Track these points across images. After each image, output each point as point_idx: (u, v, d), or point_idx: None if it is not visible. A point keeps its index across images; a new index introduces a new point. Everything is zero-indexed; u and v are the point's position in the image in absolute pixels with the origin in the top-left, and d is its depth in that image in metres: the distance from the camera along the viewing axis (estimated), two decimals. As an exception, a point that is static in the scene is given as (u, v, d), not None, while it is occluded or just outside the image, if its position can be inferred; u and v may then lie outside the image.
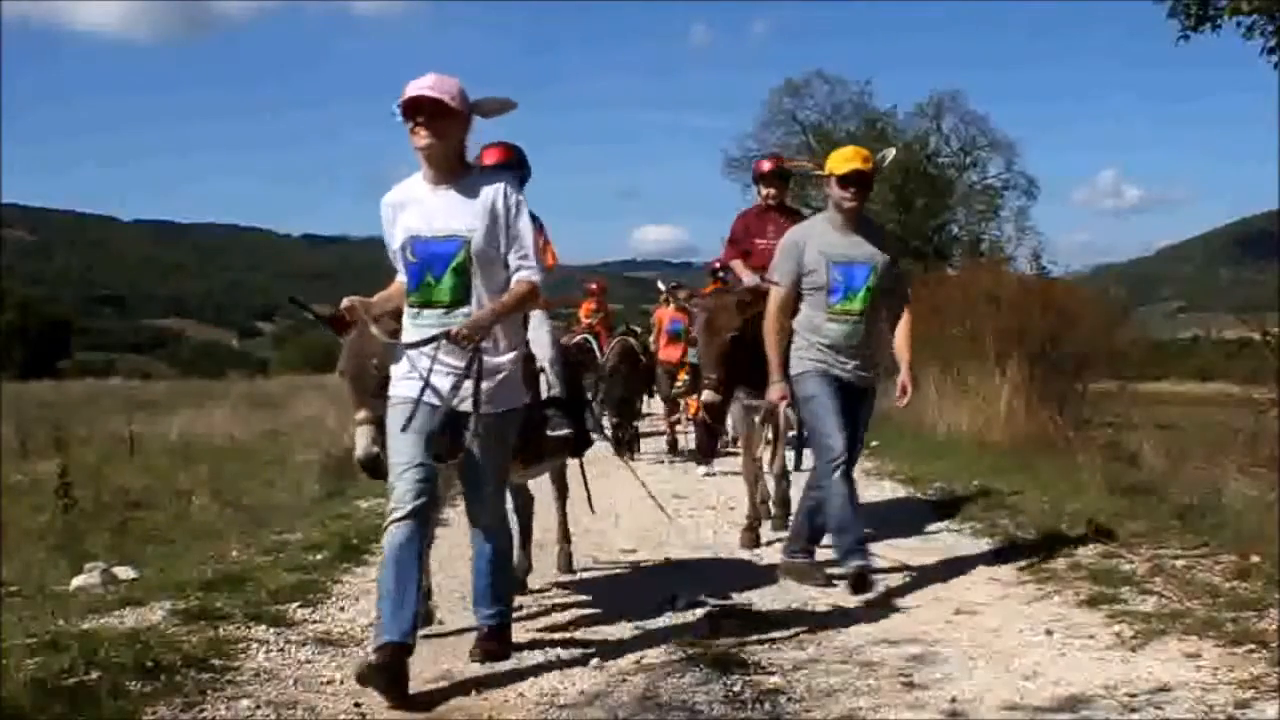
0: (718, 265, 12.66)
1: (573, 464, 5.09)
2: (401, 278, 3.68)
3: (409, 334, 3.56)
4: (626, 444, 10.78)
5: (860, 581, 4.53)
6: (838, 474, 4.63)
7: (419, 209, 3.56)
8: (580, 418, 4.74)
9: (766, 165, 6.70)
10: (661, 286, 12.00)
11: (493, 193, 3.55)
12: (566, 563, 5.32)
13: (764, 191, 6.52)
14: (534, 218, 4.36)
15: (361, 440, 3.56)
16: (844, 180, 4.72)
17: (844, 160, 4.75)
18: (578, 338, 14.20)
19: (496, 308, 3.52)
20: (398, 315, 3.69)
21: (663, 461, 10.80)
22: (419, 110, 3.44)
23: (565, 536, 5.40)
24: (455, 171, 3.58)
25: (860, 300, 4.74)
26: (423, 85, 3.45)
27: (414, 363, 3.51)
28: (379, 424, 3.53)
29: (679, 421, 11.63)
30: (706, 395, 5.27)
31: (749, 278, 6.01)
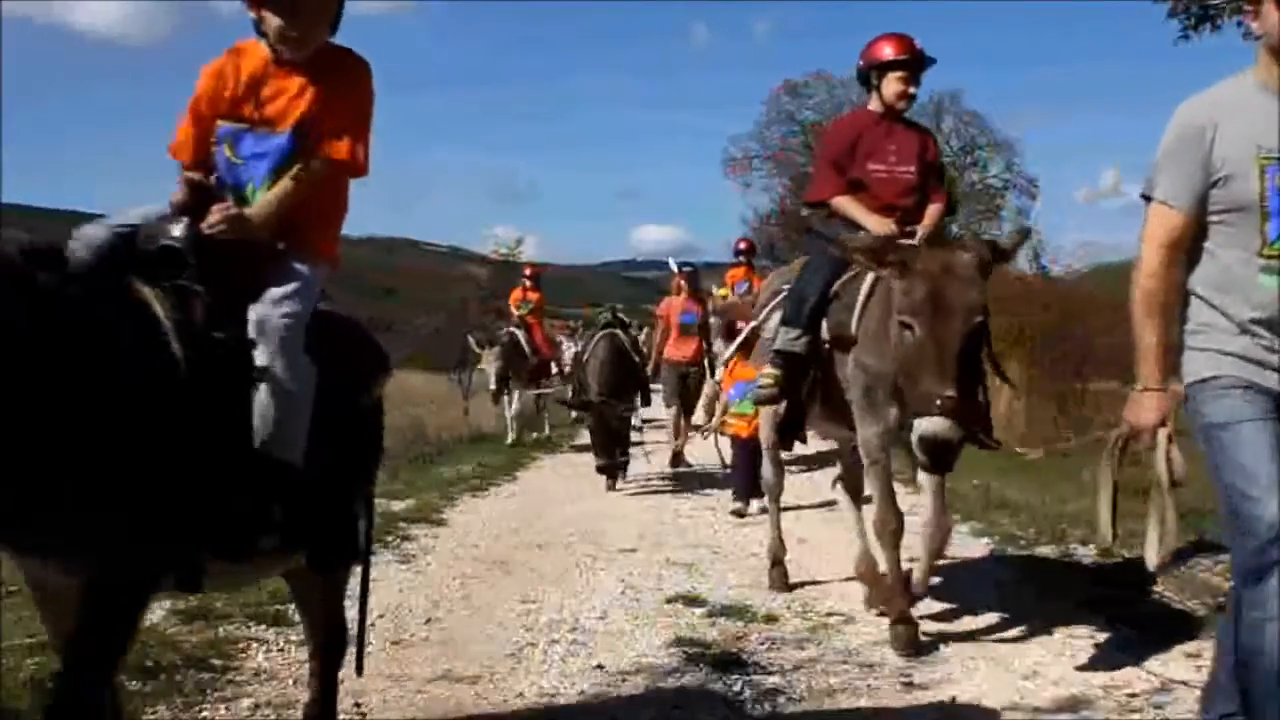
0: (744, 246, 11.53)
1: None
2: None
3: None
4: (611, 468, 8.47)
5: None
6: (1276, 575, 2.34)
7: None
8: (341, 508, 2.62)
9: (889, 49, 4.24)
10: (673, 266, 10.50)
11: None
12: None
13: (889, 90, 4.24)
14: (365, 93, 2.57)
15: None
16: None
17: None
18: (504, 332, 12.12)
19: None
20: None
21: (668, 482, 9.00)
22: None
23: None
24: None
25: None
26: None
27: None
28: None
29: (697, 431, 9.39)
30: (938, 426, 3.18)
31: (876, 223, 4.00)
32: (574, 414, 10.20)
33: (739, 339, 5.56)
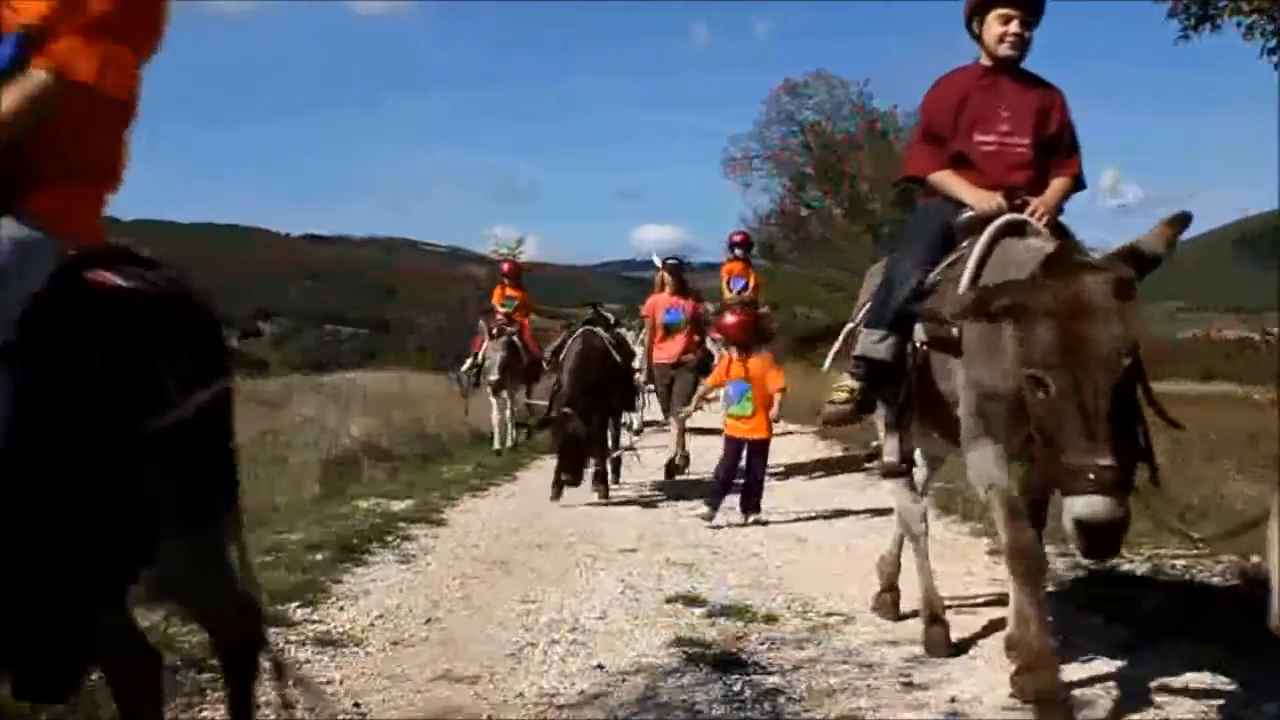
0: (739, 239, 10.73)
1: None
2: None
3: None
4: (569, 484, 7.40)
5: None
6: None
7: None
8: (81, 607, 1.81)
9: None
10: (657, 261, 9.53)
11: None
12: None
13: (990, 34, 3.54)
14: None
15: None
16: None
17: None
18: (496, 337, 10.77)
19: None
20: None
21: (668, 484, 8.48)
22: None
23: None
24: None
25: None
26: None
27: None
28: None
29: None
30: (1097, 508, 2.44)
31: (978, 198, 3.39)
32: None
33: (838, 342, 4.48)
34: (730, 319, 7.18)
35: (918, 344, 3.45)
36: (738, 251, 10.60)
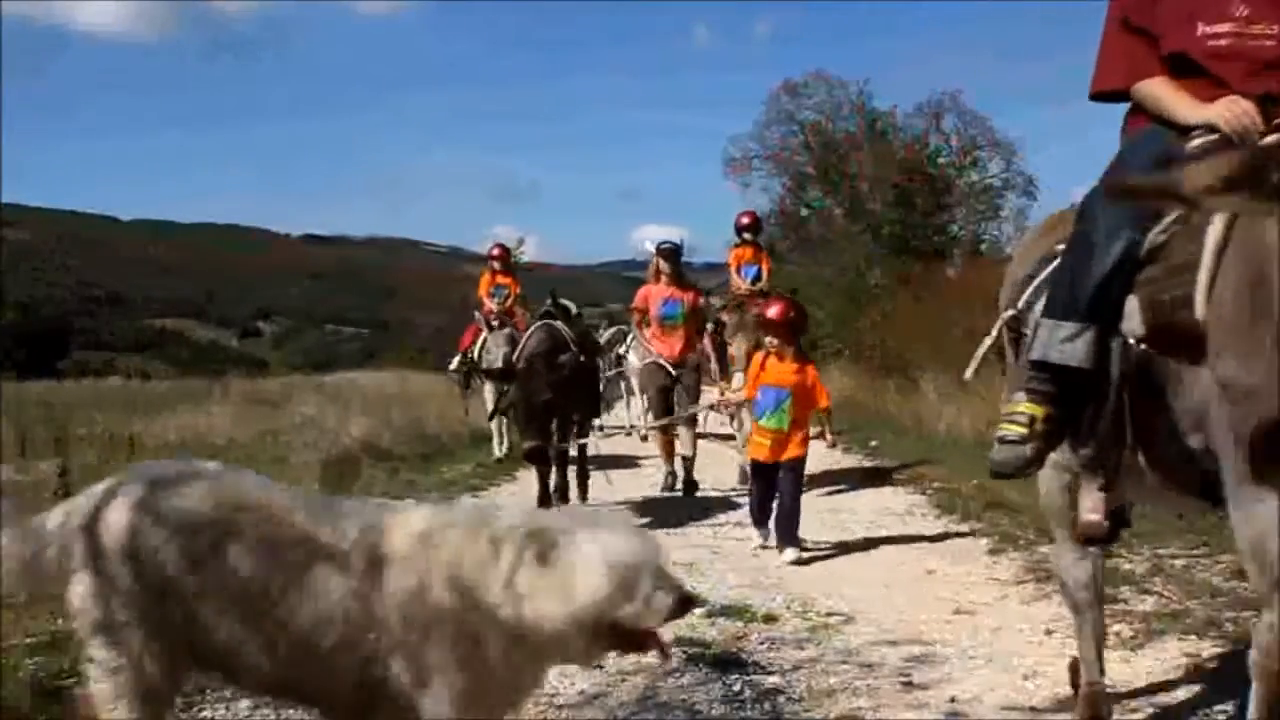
0: (747, 221, 8.93)
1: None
2: None
3: None
4: (539, 451, 6.66)
5: None
6: None
7: None
8: None
9: None
10: (649, 246, 8.26)
11: None
12: None
13: None
14: None
15: None
16: None
17: None
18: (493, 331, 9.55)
19: None
20: None
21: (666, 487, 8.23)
22: None
23: None
24: None
25: None
26: None
27: None
28: None
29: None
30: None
31: (1217, 112, 2.29)
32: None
33: (993, 332, 3.31)
34: (774, 308, 5.87)
35: (1130, 340, 2.30)
36: (746, 235, 9.03)
